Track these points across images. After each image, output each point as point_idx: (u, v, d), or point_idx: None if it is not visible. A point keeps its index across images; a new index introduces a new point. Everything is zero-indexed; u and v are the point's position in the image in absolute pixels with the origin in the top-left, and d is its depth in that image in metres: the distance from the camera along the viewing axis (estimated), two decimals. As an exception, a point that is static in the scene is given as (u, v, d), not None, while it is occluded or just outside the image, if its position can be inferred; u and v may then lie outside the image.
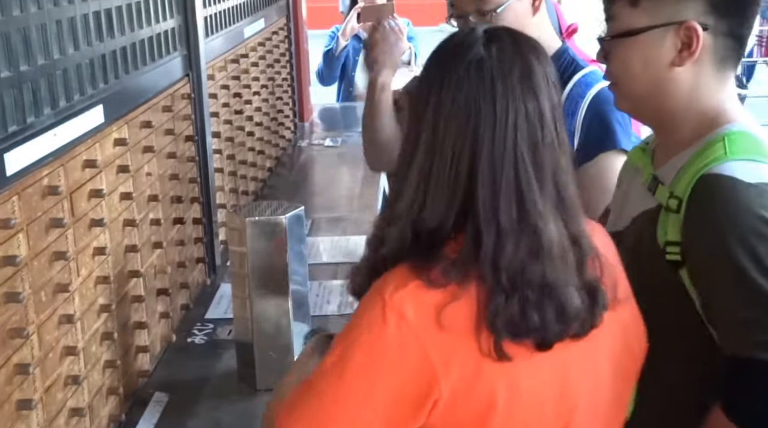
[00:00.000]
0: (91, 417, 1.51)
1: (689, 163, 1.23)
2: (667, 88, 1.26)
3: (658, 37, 1.24)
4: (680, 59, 1.24)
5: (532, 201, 1.00)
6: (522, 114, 1.01)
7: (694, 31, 1.22)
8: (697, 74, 1.25)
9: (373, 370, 0.98)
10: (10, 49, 1.25)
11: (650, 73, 1.26)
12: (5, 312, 1.22)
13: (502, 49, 1.03)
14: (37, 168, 1.32)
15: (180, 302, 2.05)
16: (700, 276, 1.20)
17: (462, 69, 1.02)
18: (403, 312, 0.97)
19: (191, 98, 2.15)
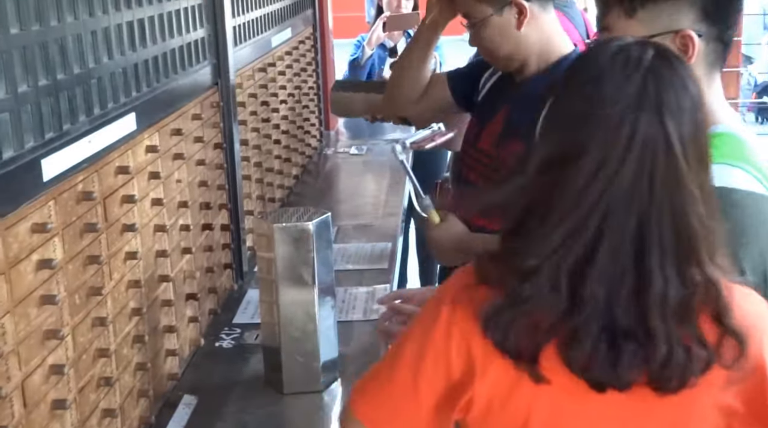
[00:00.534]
0: (123, 419, 1.54)
1: None
2: None
3: None
4: None
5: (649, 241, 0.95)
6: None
7: (690, 39, 1.26)
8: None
9: (419, 358, 1.03)
10: (47, 58, 1.28)
11: None
12: (42, 314, 1.25)
13: (664, 76, 0.99)
14: (73, 174, 1.36)
15: (208, 307, 2.08)
16: None
17: (625, 92, 0.97)
18: (456, 306, 1.00)
19: (220, 106, 2.19)
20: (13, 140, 1.18)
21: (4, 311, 1.14)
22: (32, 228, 1.23)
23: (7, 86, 1.17)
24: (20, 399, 1.19)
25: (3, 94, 1.16)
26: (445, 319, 1.02)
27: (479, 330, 0.98)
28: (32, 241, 1.23)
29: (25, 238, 1.21)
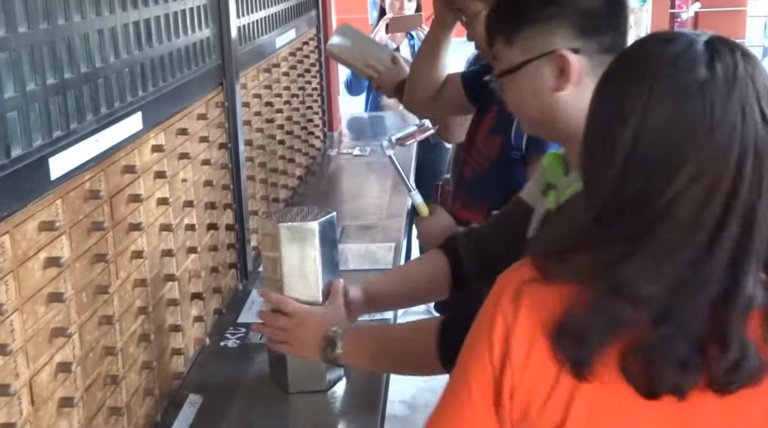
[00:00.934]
0: (129, 417, 1.54)
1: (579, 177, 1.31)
2: (558, 111, 1.36)
3: (536, 69, 1.35)
4: (560, 84, 1.34)
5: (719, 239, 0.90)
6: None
7: (565, 58, 1.32)
8: (582, 93, 1.31)
9: (468, 354, 1.01)
10: (55, 57, 1.29)
11: (539, 101, 1.37)
12: (49, 312, 1.26)
13: (726, 70, 0.92)
14: (80, 173, 1.36)
15: (213, 307, 2.08)
16: None
17: (679, 91, 0.91)
18: (502, 291, 0.97)
19: (225, 107, 2.19)
20: (21, 139, 1.18)
21: (12, 309, 1.15)
22: (40, 226, 1.23)
23: (16, 85, 1.17)
24: (28, 396, 1.19)
25: (11, 92, 1.16)
26: (499, 314, 0.97)
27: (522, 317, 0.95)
28: (40, 239, 1.23)
29: (33, 236, 1.22)
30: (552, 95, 1.35)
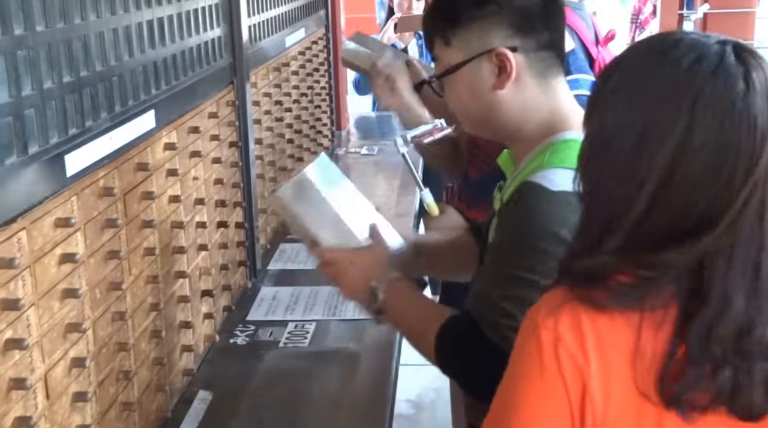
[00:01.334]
0: (140, 413, 1.55)
1: (521, 170, 1.36)
2: (499, 110, 1.38)
3: (475, 68, 1.36)
4: (500, 83, 1.36)
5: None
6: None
7: (504, 56, 1.34)
8: (522, 91, 1.36)
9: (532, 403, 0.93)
10: (71, 56, 1.30)
11: (479, 100, 1.38)
12: (64, 307, 1.27)
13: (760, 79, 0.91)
14: (94, 170, 1.37)
15: (223, 304, 2.09)
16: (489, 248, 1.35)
17: (723, 108, 0.89)
18: (560, 334, 0.92)
19: (235, 105, 2.21)
20: (38, 136, 1.20)
21: (28, 304, 1.16)
22: (56, 223, 1.25)
23: (33, 82, 1.19)
24: (43, 390, 1.21)
25: (29, 90, 1.17)
26: (550, 354, 0.92)
27: (595, 357, 0.91)
28: (56, 235, 1.25)
29: (49, 232, 1.23)
30: (492, 94, 1.37)
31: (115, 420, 1.45)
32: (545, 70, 1.38)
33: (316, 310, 2.16)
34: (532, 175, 1.32)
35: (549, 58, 1.38)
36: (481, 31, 1.36)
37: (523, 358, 0.95)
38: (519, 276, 1.26)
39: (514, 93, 1.36)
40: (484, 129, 1.46)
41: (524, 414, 0.94)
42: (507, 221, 1.33)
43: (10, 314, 1.11)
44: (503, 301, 1.26)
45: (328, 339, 2.02)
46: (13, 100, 1.13)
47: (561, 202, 1.26)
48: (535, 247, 1.26)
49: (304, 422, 1.69)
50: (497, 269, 1.30)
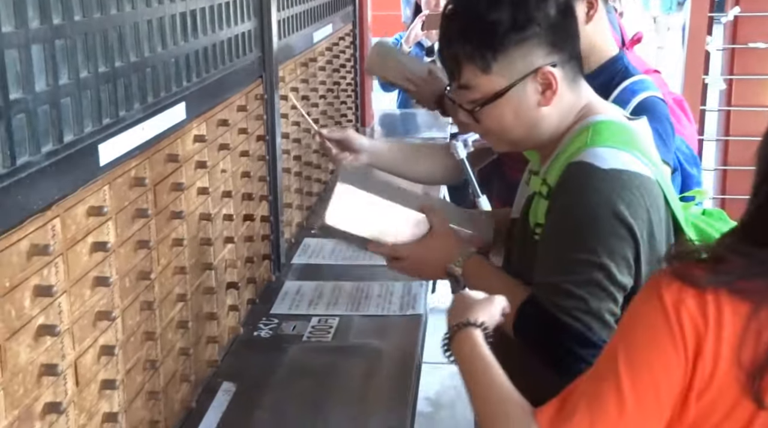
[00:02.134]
0: (165, 402, 1.56)
1: (561, 152, 1.38)
2: (542, 124, 1.41)
3: (519, 91, 1.38)
4: (546, 100, 1.39)
5: None
6: None
7: (550, 74, 1.37)
8: (560, 101, 1.40)
9: (652, 348, 0.98)
10: (107, 46, 1.31)
11: (523, 120, 1.40)
12: (95, 295, 1.28)
13: None
14: (126, 160, 1.38)
15: (247, 297, 2.10)
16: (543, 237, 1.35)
17: None
18: (683, 297, 0.97)
19: (264, 99, 2.21)
20: (73, 125, 1.21)
21: (61, 291, 1.17)
22: (88, 211, 1.26)
23: (70, 72, 1.20)
24: (73, 377, 1.22)
25: (66, 79, 1.18)
26: (673, 316, 0.97)
27: (712, 332, 0.95)
28: (88, 223, 1.26)
29: (82, 220, 1.24)
30: (535, 111, 1.40)
31: (141, 409, 1.46)
32: (575, 77, 1.43)
33: (339, 305, 2.17)
34: (577, 155, 1.33)
35: (576, 66, 1.43)
36: (523, 53, 1.37)
37: (643, 314, 0.99)
38: (582, 260, 1.28)
39: (554, 106, 1.40)
40: (522, 145, 1.48)
41: (644, 358, 0.98)
42: (561, 203, 1.34)
43: (43, 300, 1.12)
44: (571, 286, 1.29)
45: (352, 334, 2.02)
46: (50, 88, 1.14)
47: (613, 179, 1.29)
48: (593, 227, 1.28)
49: (326, 417, 1.70)
50: (559, 254, 1.31)
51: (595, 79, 1.74)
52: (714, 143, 3.84)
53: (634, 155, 1.33)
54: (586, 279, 1.28)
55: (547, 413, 1.04)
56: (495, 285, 1.44)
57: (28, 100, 1.08)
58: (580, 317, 1.28)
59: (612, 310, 1.30)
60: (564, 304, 1.29)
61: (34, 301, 1.11)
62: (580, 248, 1.29)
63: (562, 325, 1.29)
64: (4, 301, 1.04)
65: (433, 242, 1.53)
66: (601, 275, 1.28)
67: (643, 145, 1.39)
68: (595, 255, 1.28)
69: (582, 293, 1.28)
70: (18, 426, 1.07)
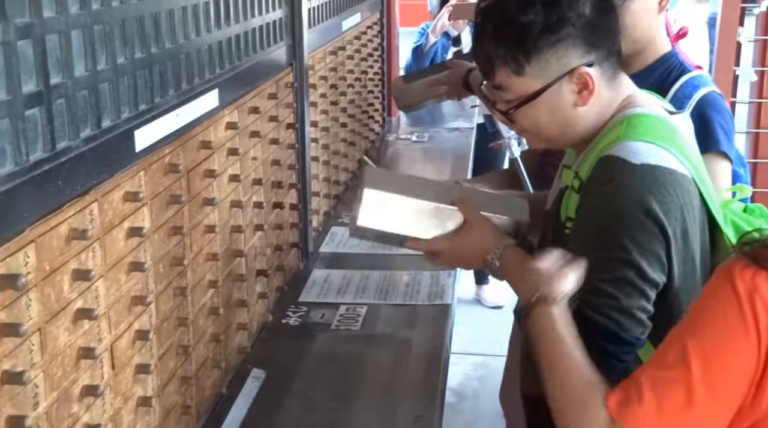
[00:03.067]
0: (197, 387, 1.57)
1: (594, 145, 1.37)
2: (578, 123, 1.39)
3: (555, 92, 1.36)
4: (582, 100, 1.37)
5: None
6: None
7: (586, 74, 1.35)
8: (598, 99, 1.37)
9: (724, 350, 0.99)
10: (143, 32, 1.31)
11: (559, 119, 1.38)
12: (130, 280, 1.29)
13: None
14: (161, 146, 1.39)
15: (276, 285, 2.11)
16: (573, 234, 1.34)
17: None
18: (757, 285, 0.97)
19: (294, 87, 2.22)
20: (111, 110, 1.22)
21: (98, 275, 1.18)
22: (125, 197, 1.27)
23: (108, 57, 1.20)
24: (109, 361, 1.23)
25: (103, 64, 1.19)
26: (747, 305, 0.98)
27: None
28: (124, 209, 1.27)
29: (119, 206, 1.25)
30: (572, 111, 1.38)
31: (173, 394, 1.47)
32: (614, 74, 1.40)
33: (367, 294, 2.17)
34: (610, 148, 1.32)
35: (616, 63, 1.40)
36: (557, 54, 1.34)
37: (715, 303, 0.99)
38: (612, 257, 1.27)
39: (591, 104, 1.38)
40: (559, 143, 1.47)
41: (715, 347, 0.98)
42: (592, 199, 1.32)
43: (81, 284, 1.13)
44: (602, 283, 1.27)
45: (380, 324, 2.02)
46: (89, 73, 1.15)
47: (645, 174, 1.27)
48: (623, 223, 1.27)
49: (355, 405, 1.70)
50: (591, 253, 1.29)
51: (651, 75, 1.73)
52: (744, 136, 3.80)
53: (669, 151, 1.31)
54: (617, 277, 1.27)
55: (615, 397, 1.06)
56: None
57: (67, 85, 1.09)
58: (611, 314, 1.27)
59: (644, 307, 1.28)
60: (595, 302, 1.28)
61: (73, 285, 1.12)
62: (610, 246, 1.28)
63: (594, 323, 1.28)
64: (45, 284, 1.05)
65: (468, 234, 1.51)
66: (632, 273, 1.26)
67: (681, 141, 1.36)
68: (625, 252, 1.26)
69: (613, 290, 1.27)
70: (57, 408, 1.08)
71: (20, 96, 0.98)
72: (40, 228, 1.03)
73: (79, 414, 1.14)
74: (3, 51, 0.94)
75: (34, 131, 1.02)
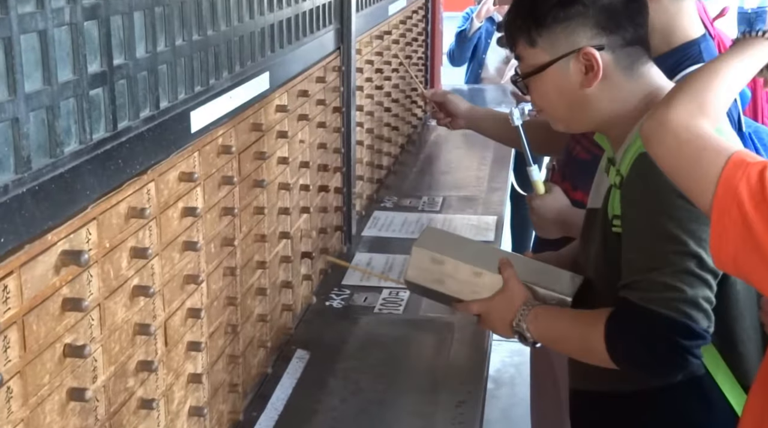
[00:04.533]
0: (244, 366, 1.60)
1: (632, 142, 1.35)
2: (587, 106, 1.39)
3: (562, 68, 1.38)
4: (588, 81, 1.37)
5: None
6: None
7: (591, 55, 1.36)
8: (610, 87, 1.37)
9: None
10: (200, 14, 1.33)
11: (567, 99, 1.40)
12: (183, 259, 1.31)
13: None
14: (215, 127, 1.41)
15: (319, 267, 2.13)
16: (623, 237, 1.33)
17: None
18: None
19: (341, 71, 2.22)
20: (168, 91, 1.23)
21: (154, 254, 1.20)
22: (180, 177, 1.28)
23: (167, 39, 1.22)
24: (162, 337, 1.25)
25: (163, 46, 1.21)
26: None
27: None
28: (179, 189, 1.29)
29: (174, 186, 1.27)
30: (579, 92, 1.39)
31: (222, 371, 1.49)
32: (633, 64, 1.39)
33: (410, 278, 2.17)
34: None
35: (636, 53, 1.39)
36: (567, 31, 1.37)
37: None
38: (669, 250, 1.26)
39: (602, 90, 1.38)
40: (574, 125, 1.47)
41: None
42: (633, 197, 1.32)
43: (138, 262, 1.16)
44: (664, 277, 1.26)
45: (422, 308, 2.03)
46: (150, 55, 1.16)
47: None
48: (671, 215, 1.26)
49: (399, 387, 1.72)
50: (644, 249, 1.28)
51: (666, 61, 1.70)
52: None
53: None
54: (679, 269, 1.25)
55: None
56: (563, 326, 1.43)
57: (129, 66, 1.11)
58: (681, 307, 1.25)
59: (708, 297, 1.26)
60: (661, 297, 1.26)
61: (130, 262, 1.14)
62: (664, 239, 1.26)
63: (664, 319, 1.25)
64: (105, 261, 1.07)
65: (497, 299, 1.50)
66: (692, 263, 1.25)
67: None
68: (681, 244, 1.25)
69: (676, 283, 1.25)
70: (114, 382, 1.11)
71: (86, 76, 1.00)
72: (101, 206, 1.06)
73: (134, 388, 1.17)
74: (71, 31, 0.96)
75: (97, 111, 1.04)
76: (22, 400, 0.92)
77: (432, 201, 2.77)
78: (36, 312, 0.93)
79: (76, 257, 0.98)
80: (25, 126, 0.89)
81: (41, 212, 0.92)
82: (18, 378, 0.91)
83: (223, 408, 1.52)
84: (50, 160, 0.94)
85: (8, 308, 0.88)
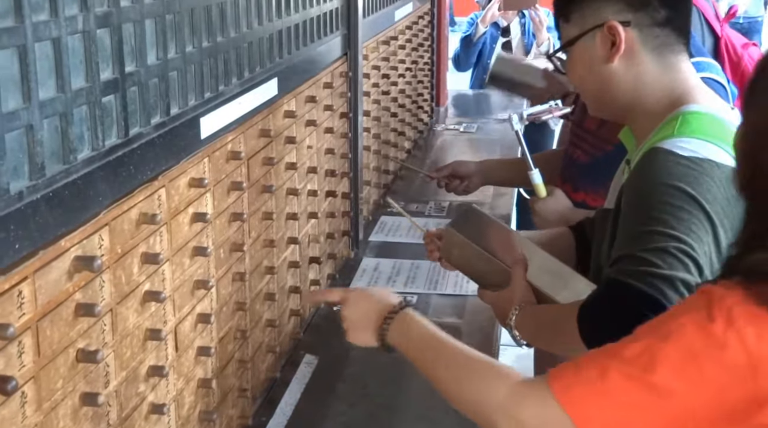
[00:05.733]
0: (253, 371, 1.60)
1: (648, 141, 1.36)
2: (612, 83, 1.40)
3: (589, 42, 1.40)
4: (611, 56, 1.38)
5: None
6: None
7: (615, 29, 1.37)
8: (635, 65, 1.38)
9: (689, 372, 0.90)
10: (210, 21, 1.34)
11: (593, 74, 1.41)
12: (194, 264, 1.32)
13: None
14: (224, 133, 1.42)
15: (327, 272, 2.13)
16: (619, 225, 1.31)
17: None
18: (734, 322, 0.88)
19: (348, 76, 2.23)
20: (179, 98, 1.24)
21: (165, 259, 1.21)
22: (190, 183, 1.29)
23: (177, 46, 1.23)
24: (173, 342, 1.26)
25: (173, 53, 1.22)
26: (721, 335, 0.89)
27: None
28: (190, 195, 1.29)
29: (184, 192, 1.28)
30: (604, 67, 1.39)
31: (231, 376, 1.50)
32: (661, 47, 1.38)
33: (417, 283, 2.18)
34: (660, 142, 1.30)
35: (666, 36, 1.38)
36: (595, 5, 1.39)
37: (688, 324, 0.92)
38: (653, 230, 1.23)
39: (626, 67, 1.38)
40: (601, 106, 1.47)
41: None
42: (632, 184, 1.31)
43: (149, 267, 1.16)
44: (643, 252, 1.23)
45: (430, 312, 2.03)
46: (160, 62, 1.17)
47: (692, 165, 1.24)
48: (663, 201, 1.24)
49: (406, 392, 1.72)
50: (630, 230, 1.27)
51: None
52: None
53: (723, 149, 1.28)
54: (659, 247, 1.22)
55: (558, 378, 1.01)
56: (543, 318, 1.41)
57: (140, 73, 1.11)
58: (654, 282, 1.21)
59: (686, 281, 1.22)
60: (636, 270, 1.23)
61: (142, 268, 1.15)
62: (652, 222, 1.24)
63: (635, 291, 1.22)
64: (116, 267, 1.08)
65: (501, 295, 1.49)
66: (672, 244, 1.22)
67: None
68: (668, 226, 1.23)
69: (654, 258, 1.22)
70: (126, 387, 1.12)
71: (98, 83, 1.01)
72: (113, 212, 1.06)
73: (145, 393, 1.17)
74: (84, 39, 0.97)
75: (109, 118, 1.05)
76: (36, 405, 0.92)
77: (439, 206, 2.77)
78: (50, 318, 0.94)
79: (89, 263, 0.98)
80: (39, 133, 0.90)
81: (55, 219, 0.92)
82: (32, 383, 0.92)
83: (233, 413, 1.53)
84: (63, 166, 0.95)
85: (23, 314, 0.89)
